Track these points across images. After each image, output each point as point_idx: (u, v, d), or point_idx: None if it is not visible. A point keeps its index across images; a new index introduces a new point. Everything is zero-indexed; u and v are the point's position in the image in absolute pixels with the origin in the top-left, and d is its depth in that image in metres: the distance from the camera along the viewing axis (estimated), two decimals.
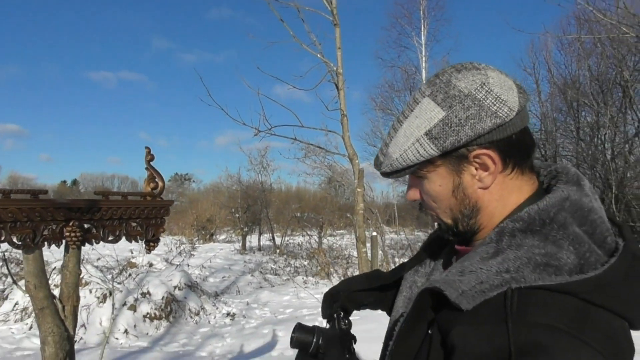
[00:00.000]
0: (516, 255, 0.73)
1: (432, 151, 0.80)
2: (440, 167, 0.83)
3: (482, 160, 0.80)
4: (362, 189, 7.85)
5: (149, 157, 1.79)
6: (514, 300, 0.69)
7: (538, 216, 0.75)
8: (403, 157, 0.84)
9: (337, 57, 7.97)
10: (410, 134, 0.83)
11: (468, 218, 0.85)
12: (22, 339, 6.00)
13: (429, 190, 0.86)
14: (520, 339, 0.65)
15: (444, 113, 0.79)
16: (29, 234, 1.37)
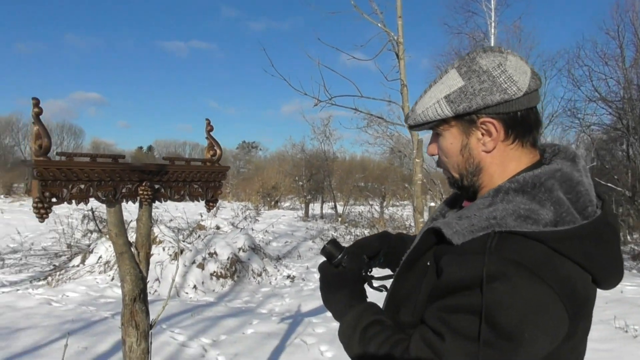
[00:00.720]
0: (504, 207, 0.91)
1: (447, 112, 0.98)
2: (453, 127, 1.01)
3: (487, 127, 0.97)
4: (420, 159, 7.89)
5: (209, 128, 2.04)
6: (494, 240, 0.87)
7: (531, 180, 0.92)
8: (424, 113, 1.02)
9: (397, 26, 7.94)
10: (433, 96, 1.01)
11: (471, 175, 1.02)
12: (105, 288, 6.69)
13: (443, 146, 1.04)
14: (492, 268, 0.83)
15: (463, 83, 0.97)
16: (111, 191, 1.67)
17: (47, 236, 10.46)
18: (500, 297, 0.82)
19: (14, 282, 7.06)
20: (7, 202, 20.89)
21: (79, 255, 8.04)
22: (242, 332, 4.79)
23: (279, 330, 4.88)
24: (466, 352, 0.83)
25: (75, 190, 1.57)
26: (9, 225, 12.34)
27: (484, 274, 0.83)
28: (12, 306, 5.76)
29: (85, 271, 7.31)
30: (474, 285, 0.84)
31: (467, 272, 0.86)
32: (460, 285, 0.87)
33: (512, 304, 0.82)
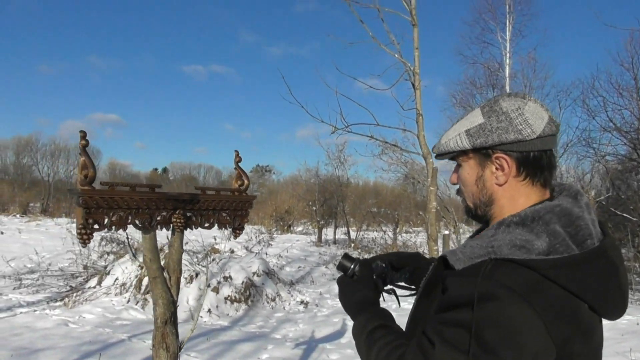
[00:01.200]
0: (503, 238, 1.00)
1: (465, 144, 1.09)
2: (471, 159, 1.12)
3: (500, 162, 1.07)
4: (435, 187, 7.94)
5: (238, 159, 2.15)
6: (488, 266, 0.97)
7: (531, 214, 1.01)
8: (447, 144, 1.14)
9: (414, 57, 8.09)
10: (457, 130, 1.13)
11: (484, 205, 1.12)
12: (122, 310, 6.76)
13: (462, 175, 1.15)
14: (483, 289, 0.92)
15: (483, 120, 1.08)
16: (147, 218, 1.77)
17: (64, 257, 10.61)
18: (489, 315, 0.90)
19: (31, 302, 7.17)
20: (24, 222, 21.19)
21: (95, 276, 8.14)
22: (258, 357, 4.82)
23: (293, 356, 4.90)
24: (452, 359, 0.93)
25: (116, 217, 1.67)
26: (27, 245, 12.53)
27: (475, 293, 0.92)
28: (30, 327, 5.85)
29: (102, 293, 7.40)
30: (467, 303, 0.93)
31: (463, 292, 0.96)
32: (456, 302, 0.96)
33: (499, 322, 0.90)
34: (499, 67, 16.53)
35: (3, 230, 16.14)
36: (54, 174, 39.34)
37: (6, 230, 16.44)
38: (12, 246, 12.38)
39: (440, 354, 0.94)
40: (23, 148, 40.80)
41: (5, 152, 41.13)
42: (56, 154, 40.42)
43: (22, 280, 8.45)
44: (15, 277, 8.68)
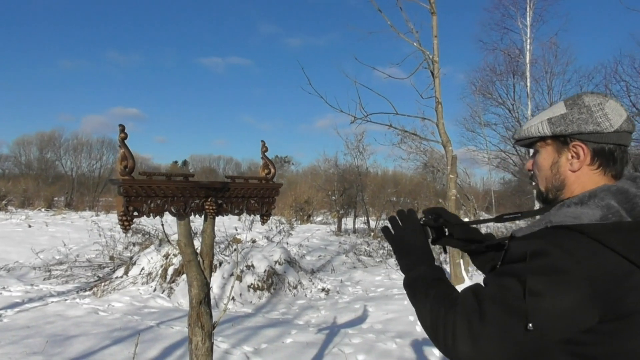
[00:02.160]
0: (561, 212, 1.11)
1: (546, 130, 1.20)
2: (549, 145, 1.22)
3: (577, 150, 1.16)
4: (454, 175, 7.97)
5: (264, 149, 2.24)
6: (544, 231, 1.09)
7: (588, 194, 1.12)
8: (528, 130, 1.25)
9: (433, 45, 8.08)
10: (540, 117, 1.23)
11: (556, 189, 1.22)
12: (149, 298, 6.96)
13: (538, 160, 1.25)
14: (535, 247, 1.03)
15: (565, 111, 1.18)
16: (182, 205, 1.87)
17: (91, 248, 10.90)
18: (538, 267, 1.01)
19: (61, 292, 7.41)
20: (50, 215, 21.71)
21: (122, 266, 8.37)
22: (282, 342, 4.96)
23: (317, 340, 5.02)
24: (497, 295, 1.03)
25: (153, 205, 1.78)
26: (54, 238, 12.88)
27: (528, 251, 1.03)
28: (62, 315, 6.07)
29: (129, 282, 7.62)
30: (521, 258, 1.04)
31: (518, 251, 1.07)
32: (511, 259, 1.09)
33: (545, 273, 1.00)
34: (520, 54, 16.35)
35: (31, 224, 16.59)
36: (77, 169, 40.14)
37: (33, 223, 16.88)
38: (40, 239, 12.74)
39: (489, 292, 1.04)
40: (46, 143, 41.62)
41: (29, 148, 42.01)
42: (78, 149, 41.20)
43: (51, 272, 8.72)
44: (44, 268, 8.96)
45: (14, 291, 7.29)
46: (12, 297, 6.92)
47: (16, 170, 39.82)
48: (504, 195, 26.27)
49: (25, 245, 11.22)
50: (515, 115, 16.74)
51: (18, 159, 41.60)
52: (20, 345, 4.68)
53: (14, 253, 10.50)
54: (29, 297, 6.98)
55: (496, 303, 1.02)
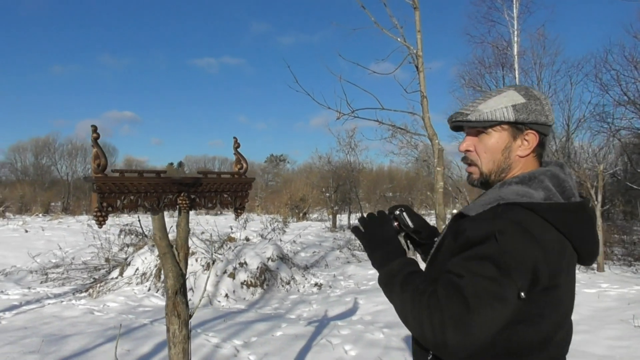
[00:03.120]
0: (508, 190, 1.24)
1: (510, 116, 1.28)
2: (506, 130, 1.31)
3: (529, 137, 1.29)
4: (442, 167, 8.09)
5: (236, 145, 2.35)
6: (499, 209, 1.20)
7: (528, 175, 1.26)
8: (492, 113, 1.29)
9: (417, 40, 8.19)
10: (501, 102, 1.30)
11: (501, 172, 1.32)
12: (143, 298, 7.08)
13: (488, 143, 1.32)
14: (499, 226, 1.14)
15: (525, 100, 1.29)
16: (155, 201, 1.99)
17: (87, 251, 11.01)
18: (506, 246, 1.12)
19: (58, 294, 7.53)
20: (47, 220, 21.79)
21: (117, 268, 8.48)
22: (272, 335, 5.08)
23: (306, 332, 5.15)
24: (483, 288, 1.11)
25: (127, 200, 1.89)
26: (50, 242, 12.99)
27: (495, 229, 1.14)
28: (59, 316, 6.18)
29: (124, 283, 7.73)
30: (487, 239, 1.14)
31: (481, 231, 1.16)
32: (476, 240, 1.16)
33: (512, 251, 1.12)
34: (507, 46, 16.46)
35: (27, 229, 16.68)
36: (72, 173, 40.14)
37: (30, 228, 16.98)
38: (36, 243, 12.85)
39: (469, 282, 1.11)
40: (41, 149, 41.64)
41: (25, 154, 42.02)
42: (73, 154, 41.20)
43: (48, 275, 8.84)
44: (41, 271, 9.07)
45: (12, 294, 7.39)
46: (10, 300, 7.03)
47: (12, 177, 39.85)
48: None
49: (22, 250, 11.33)
50: None
51: (14, 166, 41.64)
52: (17, 345, 4.80)
53: (11, 257, 10.61)
54: (26, 299, 7.09)
55: (479, 291, 1.10)
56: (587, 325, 5.59)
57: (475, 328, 1.08)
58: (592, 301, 6.61)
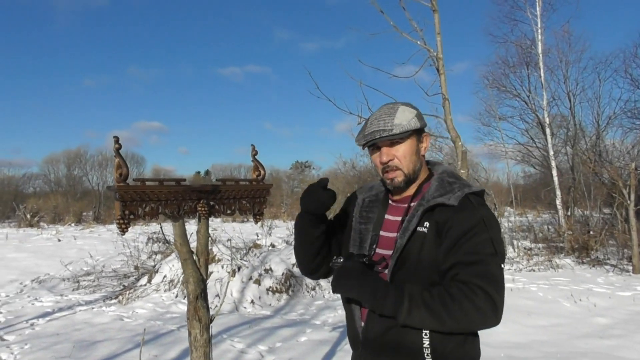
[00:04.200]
0: (457, 183, 1.60)
1: (418, 124, 1.61)
2: (413, 136, 1.63)
3: (427, 140, 1.69)
4: (465, 170, 8.01)
5: (254, 152, 2.39)
6: (472, 198, 1.55)
7: (446, 170, 1.69)
8: (410, 123, 1.58)
9: (437, 43, 8.15)
10: (408, 115, 1.60)
11: (418, 171, 1.65)
12: (171, 304, 7.19)
13: (406, 149, 1.61)
14: (481, 211, 1.52)
15: (416, 112, 1.64)
16: (175, 208, 2.04)
17: (116, 259, 11.25)
18: (492, 228, 1.50)
19: (89, 301, 7.71)
20: (79, 230, 22.33)
21: (145, 275, 8.64)
22: (296, 340, 5.10)
23: (331, 338, 5.16)
24: (495, 262, 1.44)
25: (148, 208, 1.95)
26: (82, 250, 13.31)
27: (483, 217, 1.50)
28: (89, 322, 6.33)
29: (152, 290, 7.87)
30: (480, 225, 1.47)
31: (474, 220, 1.48)
32: (470, 228, 1.46)
33: (496, 228, 1.52)
34: (531, 44, 16.20)
35: (60, 238, 17.13)
36: (102, 183, 41.00)
37: (63, 237, 17.43)
38: (69, 252, 13.19)
39: (491, 262, 1.43)
40: (73, 160, 42.67)
41: (58, 166, 43.09)
42: (104, 164, 42.10)
43: (79, 282, 9.06)
44: (73, 279, 9.31)
45: (45, 301, 7.61)
46: (44, 307, 7.23)
47: (46, 188, 40.93)
48: (530, 189, 25.91)
49: (56, 259, 11.65)
50: (532, 107, 16.58)
51: (47, 177, 42.77)
52: (50, 351, 4.94)
53: (45, 266, 10.92)
54: (58, 306, 7.29)
55: (495, 266, 1.43)
56: (622, 329, 5.46)
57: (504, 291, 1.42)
58: (627, 304, 6.46)
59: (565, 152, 16.70)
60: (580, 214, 14.37)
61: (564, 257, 11.22)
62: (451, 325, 1.37)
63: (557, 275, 9.34)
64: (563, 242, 12.01)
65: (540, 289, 7.92)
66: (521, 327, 5.65)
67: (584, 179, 14.69)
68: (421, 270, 1.50)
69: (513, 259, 11.21)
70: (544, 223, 15.23)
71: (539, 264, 10.32)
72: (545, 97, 15.24)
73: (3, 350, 5.06)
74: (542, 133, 16.19)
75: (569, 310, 6.54)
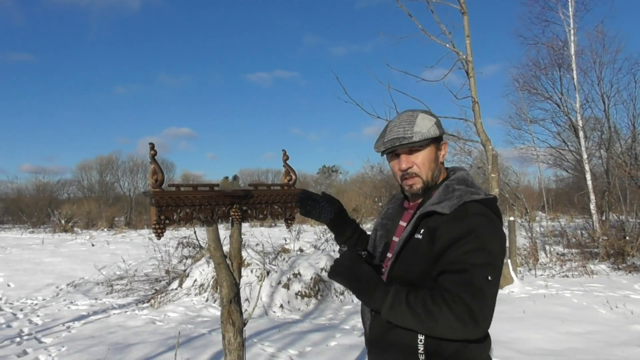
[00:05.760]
0: (460, 191, 1.57)
1: (437, 132, 1.63)
2: (431, 145, 1.64)
3: (445, 147, 1.71)
4: (496, 174, 7.90)
5: (285, 157, 2.42)
6: (466, 206, 1.51)
7: (459, 178, 1.64)
8: (430, 131, 1.60)
9: (466, 45, 8.09)
10: (428, 122, 1.62)
11: (437, 176, 1.66)
12: (201, 308, 7.28)
13: (425, 156, 1.63)
14: (475, 219, 1.48)
15: (435, 119, 1.65)
16: (209, 213, 2.07)
17: (148, 263, 11.47)
18: (485, 235, 1.45)
19: (122, 304, 7.87)
20: (111, 235, 22.85)
21: (176, 279, 8.77)
22: (326, 345, 5.10)
23: (360, 342, 5.13)
24: (482, 273, 1.40)
25: (183, 213, 1.99)
26: (115, 255, 13.61)
27: (473, 226, 1.45)
28: (123, 325, 6.46)
29: (183, 294, 7.99)
30: (470, 233, 1.43)
31: (463, 229, 1.44)
32: (462, 237, 1.43)
33: (491, 237, 1.46)
34: (563, 46, 15.87)
35: (94, 243, 17.55)
36: (134, 189, 41.82)
37: (96, 242, 17.86)
38: (102, 256, 13.51)
39: (476, 272, 1.39)
40: (105, 167, 43.65)
41: (90, 172, 44.13)
42: (135, 170, 42.95)
43: (113, 286, 9.26)
44: (107, 283, 9.53)
45: (80, 305, 7.81)
46: (79, 311, 7.42)
47: (80, 194, 41.98)
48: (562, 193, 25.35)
49: (90, 263, 11.95)
50: (564, 109, 16.23)
51: (81, 183, 43.87)
52: (86, 353, 5.06)
53: (79, 270, 11.21)
54: (93, 310, 7.46)
55: (482, 277, 1.40)
56: None
57: (490, 303, 1.39)
58: None
59: (600, 155, 16.28)
60: (615, 218, 13.97)
61: (599, 262, 10.93)
62: (430, 326, 1.38)
63: (591, 281, 9.09)
64: (597, 248, 11.71)
65: (574, 295, 7.73)
66: (555, 334, 5.52)
67: (619, 182, 14.29)
68: (413, 275, 1.52)
69: (545, 264, 10.98)
70: (577, 228, 14.87)
71: (572, 270, 10.07)
72: (578, 99, 14.90)
73: (41, 353, 5.21)
74: (574, 136, 15.82)
75: (605, 318, 6.37)
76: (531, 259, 10.96)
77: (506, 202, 17.00)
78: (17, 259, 13.19)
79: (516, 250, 9.73)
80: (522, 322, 6.02)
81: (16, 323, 6.70)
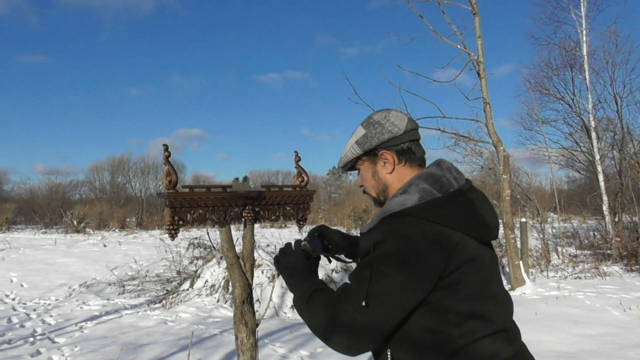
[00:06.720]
0: (390, 204, 1.36)
1: (358, 151, 1.49)
2: (365, 161, 1.51)
3: (385, 156, 1.46)
4: (507, 175, 7.85)
5: (297, 159, 2.43)
6: (380, 221, 1.34)
7: (408, 183, 1.39)
8: (346, 156, 1.54)
9: (477, 46, 8.06)
10: (349, 143, 1.52)
11: (383, 191, 1.50)
12: (213, 309, 7.32)
13: (363, 176, 1.55)
14: (377, 238, 1.28)
15: (365, 131, 1.49)
16: (222, 214, 2.09)
17: (159, 264, 11.54)
18: (383, 252, 1.25)
19: (134, 305, 7.93)
20: (123, 235, 23.01)
21: (187, 280, 8.82)
22: None
23: None
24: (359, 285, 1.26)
25: (196, 214, 2.00)
26: (127, 256, 13.71)
27: (376, 240, 1.28)
28: (135, 326, 6.51)
29: (194, 294, 8.03)
30: (369, 251, 1.28)
31: (365, 245, 1.31)
32: (365, 252, 1.31)
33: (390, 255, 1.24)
34: (576, 46, 15.75)
35: (105, 243, 17.70)
36: (145, 190, 42.12)
37: (108, 243, 18.00)
38: (114, 257, 13.61)
39: (351, 286, 1.29)
40: (117, 168, 44.00)
41: (102, 173, 44.51)
42: (146, 171, 43.25)
43: (125, 287, 9.33)
44: (119, 284, 9.60)
45: (93, 305, 7.88)
46: (91, 311, 7.49)
47: (92, 195, 42.32)
48: (574, 194, 25.15)
49: (102, 263, 12.04)
50: (576, 110, 16.10)
51: (93, 184, 44.24)
52: (99, 353, 5.11)
53: (91, 271, 11.30)
54: (105, 310, 7.53)
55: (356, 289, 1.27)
56: None
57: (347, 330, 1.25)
58: None
59: (612, 156, 16.13)
60: (628, 220, 13.84)
61: (612, 264, 10.82)
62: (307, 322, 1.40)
63: (604, 282, 9.01)
64: (610, 249, 11.60)
65: (587, 297, 7.66)
66: (568, 336, 5.48)
67: (632, 183, 14.15)
68: None
69: (558, 265, 10.89)
70: (589, 229, 14.74)
71: (585, 272, 9.98)
72: (591, 99, 14.78)
73: (54, 352, 5.27)
74: (587, 137, 15.69)
75: (619, 319, 6.30)
76: (543, 260, 10.88)
77: (518, 203, 16.89)
78: (30, 260, 13.33)
79: (528, 252, 9.65)
80: (534, 324, 5.98)
81: (29, 323, 6.78)
